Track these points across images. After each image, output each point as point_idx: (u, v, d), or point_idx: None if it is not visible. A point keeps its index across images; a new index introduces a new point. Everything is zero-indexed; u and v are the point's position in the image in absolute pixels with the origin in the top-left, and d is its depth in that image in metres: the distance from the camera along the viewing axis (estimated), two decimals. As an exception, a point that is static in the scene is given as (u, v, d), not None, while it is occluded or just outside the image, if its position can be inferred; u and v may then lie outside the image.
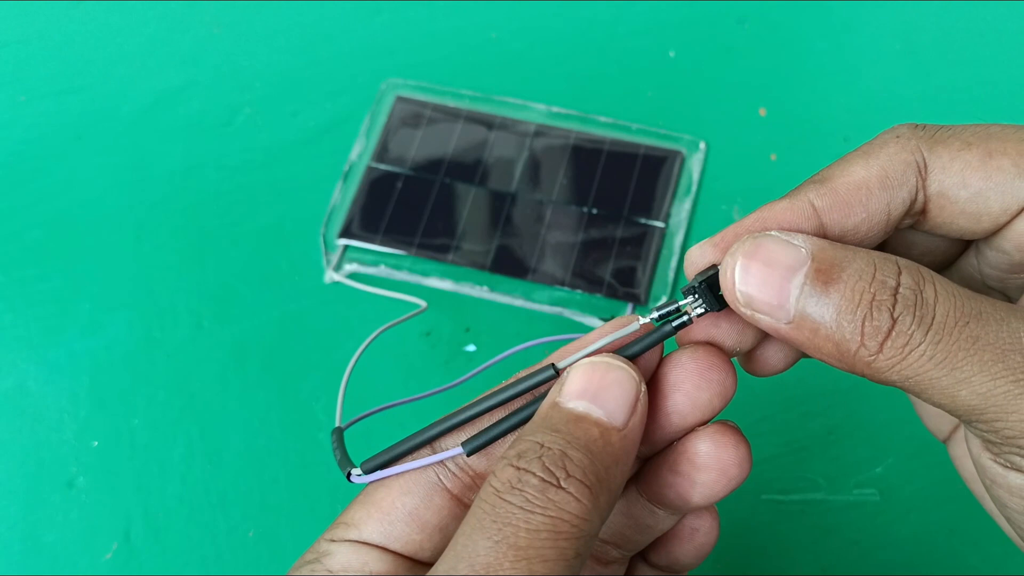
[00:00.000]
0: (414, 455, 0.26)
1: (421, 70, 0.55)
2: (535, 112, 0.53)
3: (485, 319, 0.48)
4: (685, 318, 0.25)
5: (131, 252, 0.50)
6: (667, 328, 0.25)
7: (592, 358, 0.24)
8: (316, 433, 0.45)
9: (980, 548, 0.42)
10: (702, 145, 0.52)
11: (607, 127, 0.53)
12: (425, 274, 0.49)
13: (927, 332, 0.21)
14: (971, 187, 0.23)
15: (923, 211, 0.24)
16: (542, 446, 0.22)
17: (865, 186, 0.23)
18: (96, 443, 0.45)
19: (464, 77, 0.55)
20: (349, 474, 0.26)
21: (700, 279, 0.24)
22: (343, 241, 0.49)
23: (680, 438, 0.26)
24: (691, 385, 0.25)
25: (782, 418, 0.45)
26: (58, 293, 0.49)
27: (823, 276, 0.22)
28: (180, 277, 0.49)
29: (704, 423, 0.26)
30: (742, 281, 0.23)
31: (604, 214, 0.50)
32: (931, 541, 0.42)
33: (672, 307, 0.25)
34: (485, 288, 0.48)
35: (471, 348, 0.47)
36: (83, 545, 0.43)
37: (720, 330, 0.25)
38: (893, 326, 0.21)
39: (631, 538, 0.29)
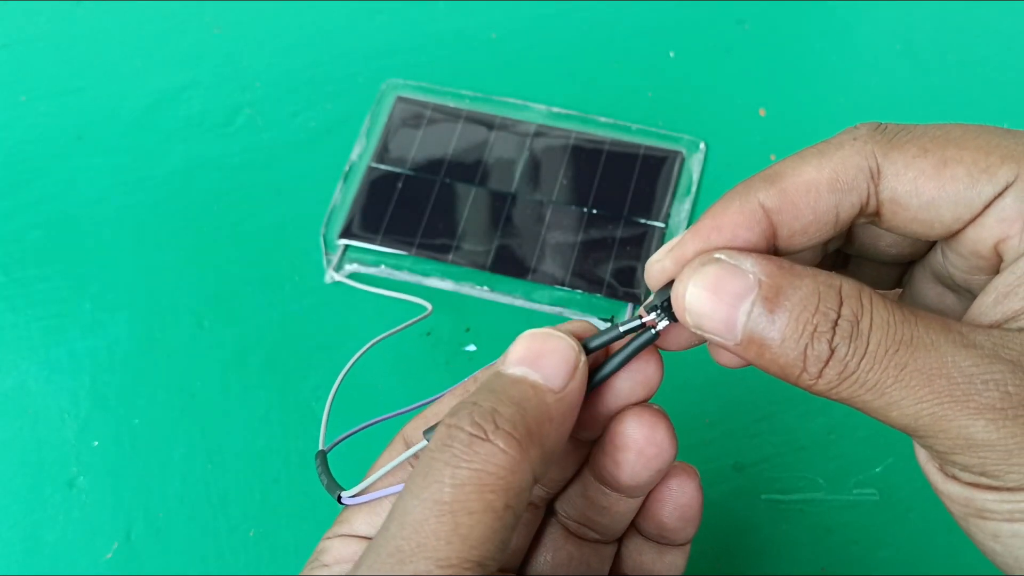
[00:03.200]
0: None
1: (421, 70, 0.55)
2: (535, 112, 0.53)
3: (485, 319, 0.48)
4: (652, 332, 0.26)
5: (131, 252, 0.50)
6: (638, 342, 0.26)
7: (533, 330, 0.25)
8: (316, 433, 0.45)
9: (980, 548, 0.42)
10: (702, 145, 0.52)
11: (607, 127, 0.53)
12: (425, 274, 0.49)
13: (860, 361, 0.21)
14: (923, 195, 0.23)
15: (877, 213, 0.24)
16: (475, 404, 0.23)
17: (814, 188, 0.24)
18: (97, 443, 0.45)
19: (464, 77, 0.55)
20: (339, 497, 0.27)
21: (661, 298, 0.25)
22: (343, 241, 0.49)
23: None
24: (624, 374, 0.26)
25: (782, 418, 0.45)
26: (58, 293, 0.49)
27: (769, 304, 0.22)
28: (180, 277, 0.49)
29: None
30: (692, 306, 0.23)
31: (604, 214, 0.50)
32: (931, 541, 0.42)
33: (637, 323, 0.26)
34: (485, 288, 0.48)
35: (471, 348, 0.47)
36: (84, 545, 0.43)
37: (675, 330, 0.26)
38: (831, 355, 0.22)
39: (595, 519, 0.29)
